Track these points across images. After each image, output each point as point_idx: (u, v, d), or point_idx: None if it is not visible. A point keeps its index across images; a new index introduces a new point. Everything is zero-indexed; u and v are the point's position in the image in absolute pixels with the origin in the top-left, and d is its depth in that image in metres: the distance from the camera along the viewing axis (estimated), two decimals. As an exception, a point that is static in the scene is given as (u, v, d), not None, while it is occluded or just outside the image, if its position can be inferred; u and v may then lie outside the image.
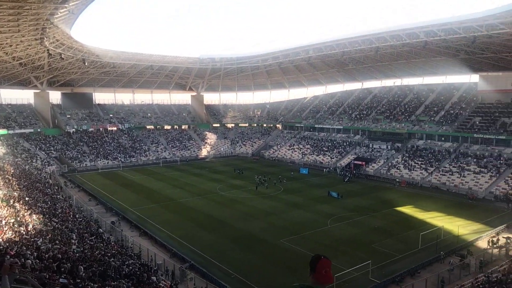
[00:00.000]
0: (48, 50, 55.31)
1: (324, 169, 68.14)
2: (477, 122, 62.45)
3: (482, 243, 31.83)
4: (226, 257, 28.80)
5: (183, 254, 28.95)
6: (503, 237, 31.92)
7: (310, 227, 35.78)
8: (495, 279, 22.02)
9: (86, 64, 68.06)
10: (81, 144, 76.93)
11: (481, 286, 21.55)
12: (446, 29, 50.87)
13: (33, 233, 22.94)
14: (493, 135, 58.07)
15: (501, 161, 53.73)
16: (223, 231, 34.87)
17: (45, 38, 49.54)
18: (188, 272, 25.43)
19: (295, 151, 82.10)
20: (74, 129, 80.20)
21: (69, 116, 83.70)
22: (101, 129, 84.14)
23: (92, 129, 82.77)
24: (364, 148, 72.43)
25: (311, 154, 77.70)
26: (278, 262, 27.76)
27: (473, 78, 71.11)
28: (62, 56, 59.87)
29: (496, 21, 44.39)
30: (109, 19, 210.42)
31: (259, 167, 71.72)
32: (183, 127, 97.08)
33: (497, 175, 51.17)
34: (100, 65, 75.21)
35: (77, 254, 20.29)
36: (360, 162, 66.43)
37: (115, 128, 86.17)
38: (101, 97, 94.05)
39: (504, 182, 49.24)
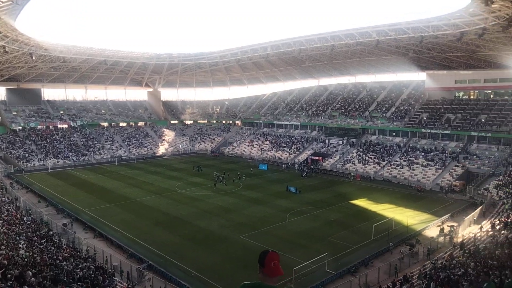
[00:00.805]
0: (-11, 42, 51.56)
1: (283, 165, 69.24)
2: (425, 118, 66.16)
3: (430, 232, 33.90)
4: (185, 255, 28.53)
5: (140, 255, 28.32)
6: (448, 226, 34.21)
7: (269, 222, 36.29)
8: (440, 265, 23.55)
9: (33, 58, 64.12)
10: (29, 142, 72.62)
11: (428, 272, 22.97)
12: (396, 29, 53.34)
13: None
14: (439, 130, 61.83)
15: (446, 155, 57.38)
16: (182, 229, 34.48)
17: (-14, 30, 46.15)
18: (146, 273, 24.94)
19: (255, 147, 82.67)
20: (20, 127, 75.53)
21: (15, 113, 78.70)
22: (50, 126, 79.87)
23: (41, 126, 78.36)
24: (321, 143, 74.38)
25: (270, 150, 78.61)
26: (239, 258, 27.93)
27: (421, 76, 75.25)
28: (6, 49, 55.98)
29: (440, 23, 47.20)
30: (60, 12, 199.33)
31: (218, 164, 71.49)
32: (139, 124, 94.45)
33: (443, 167, 54.60)
34: (49, 60, 71.13)
35: (26, 259, 19.25)
36: (317, 158, 68.19)
37: (66, 126, 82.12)
38: (51, 93, 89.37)
39: (449, 174, 52.65)
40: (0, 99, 79.48)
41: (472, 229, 33.70)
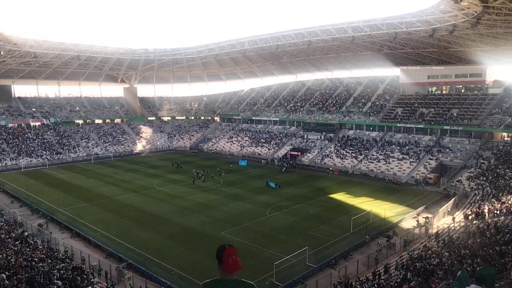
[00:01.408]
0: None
1: (262, 161, 69.48)
2: (400, 113, 67.75)
3: (406, 224, 34.88)
4: (165, 253, 28.32)
5: (119, 254, 27.92)
6: (423, 217, 35.28)
7: (250, 217, 36.43)
8: (417, 255, 24.32)
9: (1, 53, 61.77)
10: (0, 141, 70.06)
11: (404, 263, 23.68)
12: (371, 25, 54.26)
13: None
14: (413, 124, 63.47)
15: (420, 148, 59.02)
16: (161, 227, 34.17)
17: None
18: (126, 272, 24.62)
19: (234, 143, 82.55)
20: (-10, 125, 72.67)
21: (-17, 110, 75.62)
22: (22, 124, 77.18)
23: (12, 124, 75.59)
24: (300, 139, 75.04)
25: (250, 146, 78.70)
26: (219, 255, 27.90)
27: (395, 71, 76.81)
28: (-28, 44, 53.70)
29: (413, 19, 48.36)
30: (32, 7, 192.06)
31: (198, 160, 71.04)
32: (115, 121, 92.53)
33: (417, 161, 56.15)
34: (19, 55, 68.57)
35: (-1, 262, 18.64)
36: (296, 153, 68.78)
37: (39, 123, 79.54)
38: (22, 89, 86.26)
39: (423, 167, 54.21)
40: (-33, 96, 76.18)
41: (446, 220, 34.92)
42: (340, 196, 44.76)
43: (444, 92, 68.77)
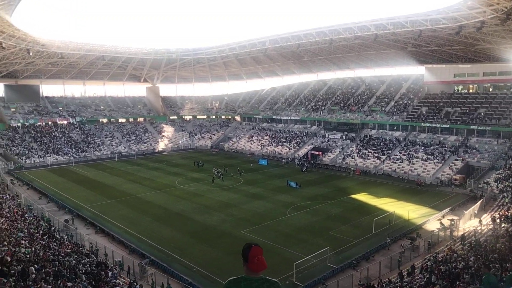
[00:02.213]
0: (-14, 38, 51.28)
1: (283, 160, 69.28)
2: (424, 112, 66.17)
3: (430, 226, 34.02)
4: (186, 251, 28.63)
5: (142, 250, 28.40)
6: (448, 219, 34.34)
7: (270, 217, 36.38)
8: (441, 258, 23.67)
9: (31, 54, 63.89)
10: (29, 139, 72.50)
11: (429, 266, 23.09)
12: (394, 23, 53.19)
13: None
14: (438, 124, 61.85)
15: (446, 148, 57.46)
16: (183, 224, 34.56)
17: (-17, 26, 45.85)
18: (148, 268, 25.03)
19: (254, 142, 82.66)
20: (20, 123, 75.36)
21: (14, 109, 78.50)
22: (50, 123, 79.68)
23: (40, 123, 78.17)
24: (321, 138, 74.41)
25: (270, 145, 78.62)
26: (239, 253, 27.85)
27: (420, 70, 75.12)
28: (3, 45, 55.74)
29: (438, 16, 47.09)
30: (57, 8, 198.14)
31: (218, 159, 71.51)
32: (138, 120, 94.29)
33: (442, 161, 54.70)
34: (46, 56, 70.81)
35: (28, 255, 19.29)
36: (317, 152, 68.24)
37: (65, 122, 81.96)
38: (49, 89, 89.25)
39: (449, 168, 52.76)
40: (-2, 96, 79.24)
41: (472, 222, 33.86)
42: (362, 197, 44.11)
43: (471, 91, 66.68)
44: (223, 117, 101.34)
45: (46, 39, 64.05)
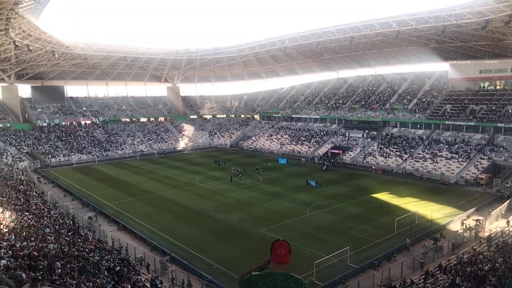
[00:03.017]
0: (14, 41, 53.07)
1: (302, 159, 68.89)
2: (448, 110, 64.44)
3: (454, 226, 33.13)
4: (206, 248, 28.85)
5: (163, 247, 28.80)
6: (473, 220, 33.35)
7: (289, 215, 36.24)
8: (466, 259, 23.02)
9: (56, 56, 65.83)
10: (54, 138, 74.68)
11: (453, 267, 22.49)
12: (417, 19, 51.98)
13: (6, 231, 22.26)
14: (463, 121, 60.10)
15: (471, 147, 55.80)
16: (203, 222, 34.84)
17: (11, 29, 47.47)
18: (169, 265, 25.36)
19: (273, 141, 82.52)
20: (46, 123, 77.74)
21: (40, 110, 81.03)
22: (74, 122, 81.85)
23: (64, 123, 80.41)
24: (341, 137, 73.57)
25: (289, 144, 78.31)
26: (259, 252, 28.01)
27: (444, 66, 73.17)
28: (30, 47, 57.67)
29: (463, 11, 45.71)
30: (80, 9, 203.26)
31: (238, 158, 71.76)
32: (159, 119, 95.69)
33: (468, 160, 53.15)
34: (70, 57, 72.81)
35: (54, 251, 19.87)
36: (337, 151, 67.52)
37: (89, 122, 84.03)
38: (73, 90, 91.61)
39: (474, 167, 51.22)
40: (25, 97, 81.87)
41: (499, 223, 32.76)
42: (384, 196, 43.36)
43: (498, 87, 64.47)
44: (242, 116, 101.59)
45: (70, 41, 65.79)
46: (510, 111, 57.17)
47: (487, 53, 61.88)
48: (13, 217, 26.76)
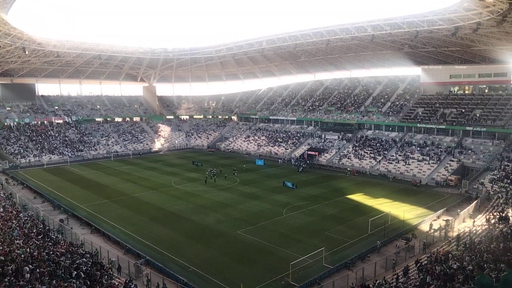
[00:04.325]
0: (-18, 37, 50.93)
1: (279, 160, 69.32)
2: (420, 113, 66.42)
3: (425, 226, 34.15)
4: (182, 250, 28.57)
5: (138, 250, 28.30)
6: (443, 220, 34.48)
7: (266, 217, 36.39)
8: (436, 258, 23.75)
9: (27, 52, 63.52)
10: (24, 138, 72.10)
11: (424, 266, 23.17)
12: (391, 24, 53.37)
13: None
14: (434, 125, 62.12)
15: (442, 149, 57.71)
16: (179, 224, 34.49)
17: (-22, 24, 45.54)
18: (144, 268, 24.95)
19: (251, 142, 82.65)
20: (15, 123, 74.99)
21: (9, 108, 78.10)
22: (45, 122, 79.33)
23: (35, 122, 77.82)
24: (317, 138, 74.52)
25: (267, 145, 78.64)
26: (235, 253, 28.01)
27: (416, 70, 75.52)
28: (-1, 43, 55.44)
29: (435, 17, 47.27)
30: (53, 6, 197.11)
31: (215, 159, 71.45)
32: (135, 119, 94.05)
33: (438, 162, 54.93)
34: (42, 54, 70.47)
35: (22, 255, 19.19)
36: (313, 153, 68.34)
37: (61, 121, 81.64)
38: (45, 88, 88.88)
39: (444, 168, 52.99)
40: (-7, 95, 78.77)
41: (467, 223, 34.01)
42: (358, 197, 44.21)
43: (466, 92, 67.02)
44: (219, 117, 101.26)
45: (42, 38, 63.74)
46: (477, 115, 59.52)
47: (457, 58, 64.25)
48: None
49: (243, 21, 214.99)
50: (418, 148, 60.03)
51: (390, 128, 68.15)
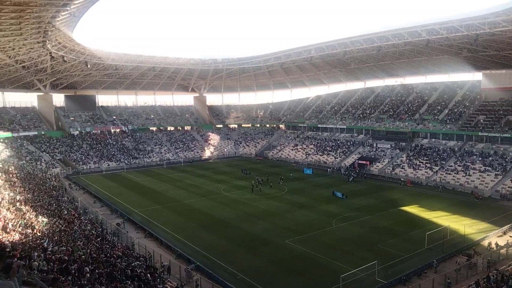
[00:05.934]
0: (50, 53, 55.49)
1: (328, 169, 67.97)
2: (482, 121, 62.13)
3: (488, 243, 31.58)
4: (231, 258, 28.74)
5: (188, 255, 28.91)
6: (510, 236, 31.72)
7: (315, 227, 35.67)
8: (502, 278, 21.82)
9: (88, 66, 68.27)
10: (85, 146, 77.13)
11: (488, 286, 21.37)
12: (448, 27, 50.65)
13: (39, 235, 22.98)
14: (498, 133, 57.73)
15: (507, 159, 53.40)
16: (228, 232, 34.81)
17: (47, 41, 49.68)
18: (194, 273, 25.38)
19: (299, 151, 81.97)
20: (78, 131, 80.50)
21: (72, 118, 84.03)
22: (104, 131, 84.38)
23: (95, 131, 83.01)
24: (368, 147, 72.21)
25: (315, 154, 77.54)
26: (283, 263, 27.66)
27: (476, 76, 70.90)
28: (65, 58, 60.08)
29: (497, 19, 44.15)
30: (110, 21, 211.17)
31: (263, 167, 71.66)
32: (186, 128, 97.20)
33: (503, 173, 50.87)
34: (102, 67, 75.41)
35: (83, 256, 20.29)
36: (364, 162, 66.24)
37: (118, 130, 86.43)
38: (104, 99, 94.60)
39: (510, 180, 48.92)
40: (59, 106, 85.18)
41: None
42: (413, 209, 42.01)
43: (535, 97, 61.69)
44: (267, 125, 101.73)
45: (102, 52, 68.14)
46: (548, 122, 54.50)
47: (523, 62, 59.46)
48: (45, 222, 27.64)
49: (291, 30, 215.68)
50: (480, 158, 56.05)
51: (448, 137, 64.35)
